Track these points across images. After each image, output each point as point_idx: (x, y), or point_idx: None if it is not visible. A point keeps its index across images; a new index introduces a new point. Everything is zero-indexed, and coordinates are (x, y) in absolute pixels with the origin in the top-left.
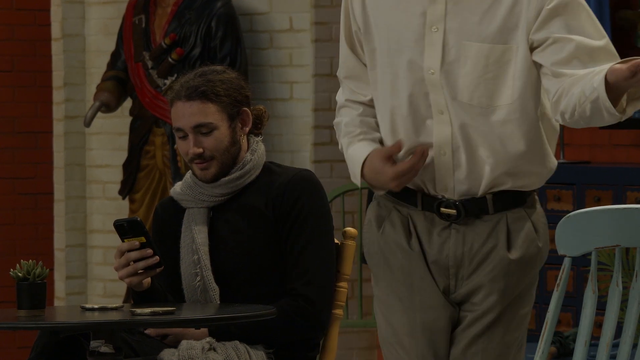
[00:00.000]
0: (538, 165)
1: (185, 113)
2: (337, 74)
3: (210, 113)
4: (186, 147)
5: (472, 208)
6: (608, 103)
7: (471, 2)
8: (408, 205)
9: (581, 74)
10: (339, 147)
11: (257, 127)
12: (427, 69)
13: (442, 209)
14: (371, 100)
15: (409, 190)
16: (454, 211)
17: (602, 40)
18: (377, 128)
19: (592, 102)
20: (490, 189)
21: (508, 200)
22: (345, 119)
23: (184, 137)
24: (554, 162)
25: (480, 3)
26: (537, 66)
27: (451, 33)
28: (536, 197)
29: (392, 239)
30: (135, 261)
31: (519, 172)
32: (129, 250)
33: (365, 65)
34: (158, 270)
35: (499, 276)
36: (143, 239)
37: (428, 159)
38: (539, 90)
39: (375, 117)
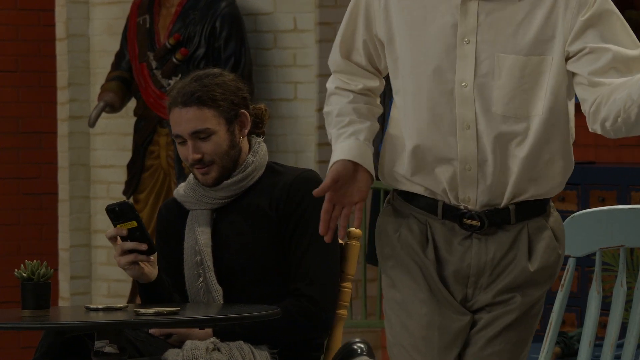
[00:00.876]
0: (560, 169)
1: (182, 119)
2: (329, 63)
3: (207, 118)
4: (186, 153)
5: (494, 219)
6: None
7: (505, 13)
8: (427, 214)
9: (619, 82)
10: (328, 137)
11: (258, 127)
12: (460, 81)
13: (465, 220)
14: (362, 89)
15: (429, 199)
16: (477, 222)
17: (637, 49)
18: (367, 114)
19: None
20: (512, 199)
21: (529, 210)
22: (336, 107)
23: (183, 142)
24: (572, 167)
25: (514, 14)
26: (570, 75)
27: (484, 45)
28: (552, 203)
29: (409, 245)
30: (129, 252)
31: (541, 176)
32: (123, 238)
33: (362, 69)
34: (152, 257)
35: (519, 285)
36: (134, 223)
37: (450, 173)
38: (571, 100)
39: (367, 103)
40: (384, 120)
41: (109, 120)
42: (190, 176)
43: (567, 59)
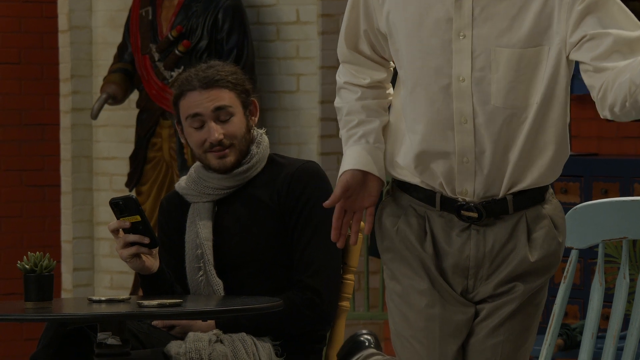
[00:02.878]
0: (556, 156)
1: (203, 99)
2: (337, 53)
3: (229, 98)
4: (203, 136)
5: (492, 210)
6: None
7: (499, 8)
8: (426, 205)
9: (623, 65)
10: (339, 134)
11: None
12: (457, 76)
13: (463, 212)
14: (370, 83)
15: (427, 190)
16: (475, 214)
17: (638, 30)
18: (378, 110)
19: None
20: (510, 189)
21: (527, 199)
22: (346, 105)
23: (200, 127)
24: (568, 155)
25: (509, 9)
26: (571, 65)
27: (479, 39)
28: (551, 190)
29: (407, 239)
30: (131, 244)
31: (537, 164)
32: (125, 230)
33: (368, 59)
34: (153, 250)
35: (520, 275)
36: (138, 218)
37: (446, 167)
38: (569, 85)
39: (375, 98)
40: None
41: (112, 112)
42: (192, 169)
43: (570, 50)
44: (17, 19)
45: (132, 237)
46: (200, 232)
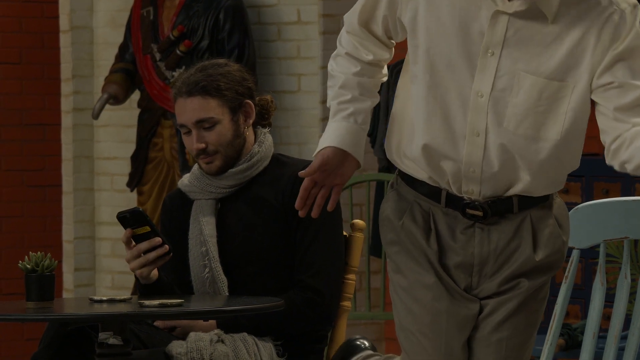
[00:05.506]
0: (568, 172)
1: (186, 109)
2: (344, 21)
3: (211, 108)
4: (191, 143)
5: (498, 208)
6: None
7: (533, 32)
8: (431, 201)
9: None
10: (327, 102)
11: (264, 118)
12: (477, 91)
13: (468, 210)
14: (372, 60)
15: (433, 187)
16: (481, 213)
17: None
18: (372, 90)
19: None
20: (517, 193)
21: (532, 200)
22: (342, 76)
23: (188, 132)
24: (579, 163)
25: (543, 36)
26: (591, 103)
27: (507, 60)
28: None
29: (412, 234)
30: (145, 252)
31: (549, 180)
32: (136, 241)
33: (377, 39)
34: (167, 258)
35: (524, 273)
36: (147, 228)
37: (454, 169)
38: (584, 127)
39: (372, 77)
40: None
41: (113, 112)
42: (195, 166)
43: (594, 89)
44: (18, 19)
45: (144, 245)
46: (203, 229)
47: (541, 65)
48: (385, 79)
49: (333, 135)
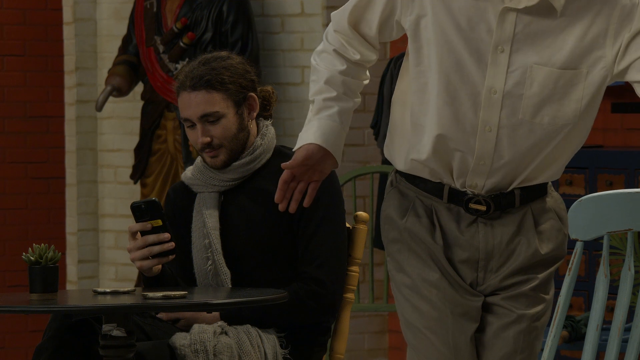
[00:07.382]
0: (570, 157)
1: (191, 103)
2: (332, 19)
3: (216, 102)
4: (195, 137)
5: (500, 202)
6: None
7: (542, 25)
8: (432, 197)
9: None
10: (310, 96)
11: (266, 109)
12: (489, 88)
13: (471, 205)
14: (359, 60)
15: (435, 182)
16: (484, 207)
17: None
18: (355, 91)
19: None
20: (519, 185)
21: (533, 193)
22: (327, 72)
23: (192, 126)
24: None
25: (552, 28)
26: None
27: (517, 54)
28: (550, 183)
29: (417, 230)
30: (151, 244)
31: (552, 166)
32: (143, 233)
33: (366, 40)
34: (170, 257)
35: (530, 267)
36: (160, 222)
37: (462, 163)
38: (598, 106)
39: (356, 77)
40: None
41: (116, 105)
42: (198, 159)
43: (621, 75)
44: (21, 11)
45: (152, 238)
46: (206, 221)
47: (553, 56)
48: (367, 81)
49: (318, 132)
